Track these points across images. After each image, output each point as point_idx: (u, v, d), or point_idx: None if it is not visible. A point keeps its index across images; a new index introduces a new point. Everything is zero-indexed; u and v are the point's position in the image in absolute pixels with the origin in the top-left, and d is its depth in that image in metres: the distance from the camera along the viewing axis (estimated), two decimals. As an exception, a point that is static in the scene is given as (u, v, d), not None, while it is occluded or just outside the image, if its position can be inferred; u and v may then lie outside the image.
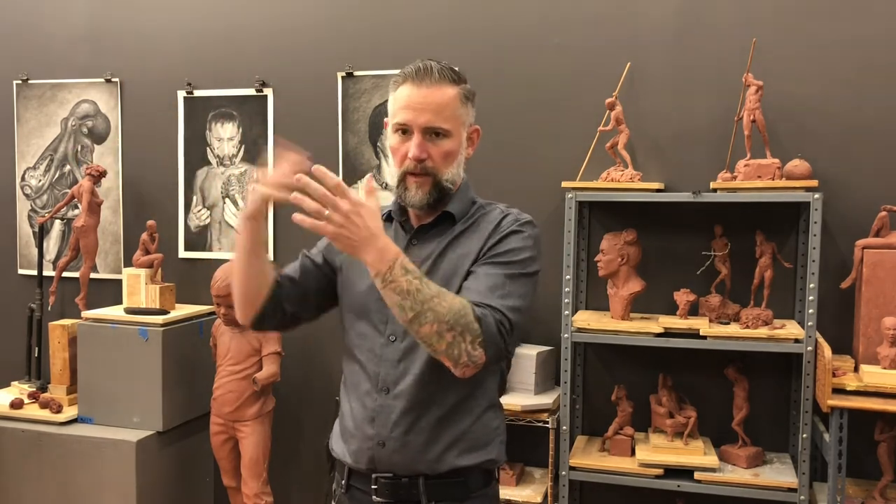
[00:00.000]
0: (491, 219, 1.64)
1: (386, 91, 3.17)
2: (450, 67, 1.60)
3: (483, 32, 3.03)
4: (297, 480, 3.40)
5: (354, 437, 1.61)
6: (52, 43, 3.62)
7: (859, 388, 2.40)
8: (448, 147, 1.58)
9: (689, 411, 2.74)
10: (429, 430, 1.56)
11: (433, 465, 1.56)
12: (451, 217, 1.63)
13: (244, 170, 3.39)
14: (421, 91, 1.55)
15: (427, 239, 1.64)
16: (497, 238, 1.58)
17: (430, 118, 1.55)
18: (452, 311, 1.41)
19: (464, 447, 1.58)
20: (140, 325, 3.07)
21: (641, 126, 2.89)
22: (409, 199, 1.59)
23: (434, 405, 1.56)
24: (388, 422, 1.57)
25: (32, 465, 3.09)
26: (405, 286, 1.41)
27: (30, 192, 3.69)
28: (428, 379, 1.55)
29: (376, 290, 1.51)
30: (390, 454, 1.57)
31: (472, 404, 1.60)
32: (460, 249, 1.61)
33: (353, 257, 1.50)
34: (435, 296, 1.41)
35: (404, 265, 1.41)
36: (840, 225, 2.73)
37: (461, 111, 1.60)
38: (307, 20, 3.28)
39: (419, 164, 1.56)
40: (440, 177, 1.58)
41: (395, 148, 1.60)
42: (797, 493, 2.54)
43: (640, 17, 2.91)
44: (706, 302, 2.76)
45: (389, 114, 1.63)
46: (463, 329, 1.41)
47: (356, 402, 1.63)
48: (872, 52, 2.71)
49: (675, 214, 2.87)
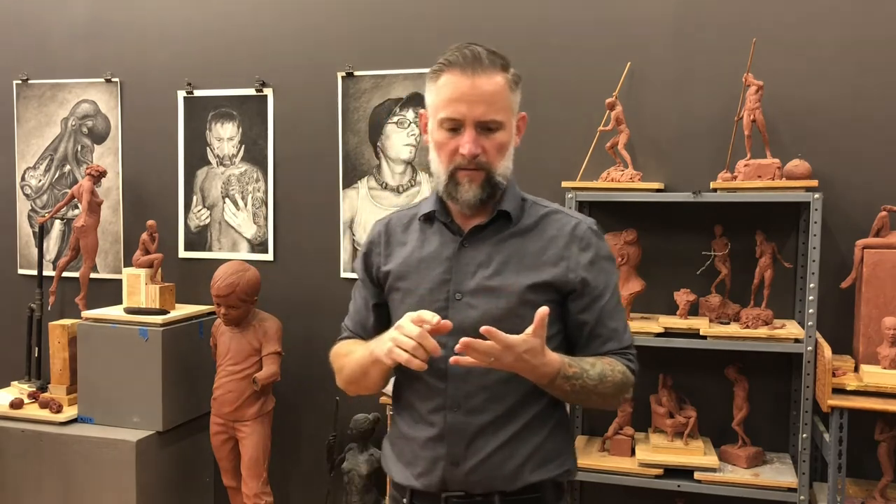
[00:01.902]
0: (560, 226, 1.54)
1: (386, 91, 3.20)
2: (496, 52, 1.48)
3: (483, 32, 3.03)
4: (297, 480, 3.40)
5: (420, 458, 1.52)
6: (52, 43, 3.62)
7: (859, 388, 2.40)
8: (502, 139, 1.47)
9: (689, 411, 2.74)
10: (505, 447, 1.49)
11: (509, 482, 1.49)
12: (506, 216, 1.53)
13: (244, 170, 3.39)
14: (471, 80, 1.43)
15: (480, 240, 1.53)
16: (594, 257, 1.53)
17: (485, 111, 1.43)
18: (616, 387, 1.47)
19: (539, 461, 1.51)
20: (140, 325, 3.07)
21: (641, 126, 2.89)
22: (461, 195, 1.48)
23: (510, 420, 1.49)
24: (462, 440, 1.49)
25: (32, 465, 3.09)
26: (568, 389, 1.42)
27: (30, 192, 3.69)
28: (502, 394, 1.48)
29: (434, 301, 1.49)
30: (465, 474, 1.49)
31: (546, 417, 1.54)
32: (525, 254, 1.51)
33: (407, 269, 1.53)
34: (598, 384, 1.44)
35: (565, 374, 1.40)
36: (840, 225, 2.73)
37: (511, 99, 1.49)
38: (307, 20, 3.28)
39: (473, 159, 1.45)
40: (494, 171, 1.48)
41: (441, 143, 1.48)
42: (797, 493, 2.54)
43: (640, 17, 2.91)
44: (706, 302, 2.76)
45: (430, 106, 1.51)
46: (624, 391, 1.51)
47: (420, 421, 1.54)
48: (873, 52, 2.71)
49: (675, 214, 2.87)
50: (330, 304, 3.28)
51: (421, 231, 1.59)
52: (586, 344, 1.54)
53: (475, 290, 1.50)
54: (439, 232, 1.57)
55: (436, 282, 1.53)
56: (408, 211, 1.67)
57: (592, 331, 1.53)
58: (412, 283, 1.55)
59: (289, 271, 3.34)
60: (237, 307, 2.99)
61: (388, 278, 1.59)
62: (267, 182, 3.35)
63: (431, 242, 1.57)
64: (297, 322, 3.31)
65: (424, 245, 1.57)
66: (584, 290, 1.52)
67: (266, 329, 3.06)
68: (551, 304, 1.47)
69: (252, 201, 3.38)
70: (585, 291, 1.52)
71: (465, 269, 1.51)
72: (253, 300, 3.05)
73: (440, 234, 1.56)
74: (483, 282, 1.49)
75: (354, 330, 1.70)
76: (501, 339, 1.29)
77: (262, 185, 3.36)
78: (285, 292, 3.33)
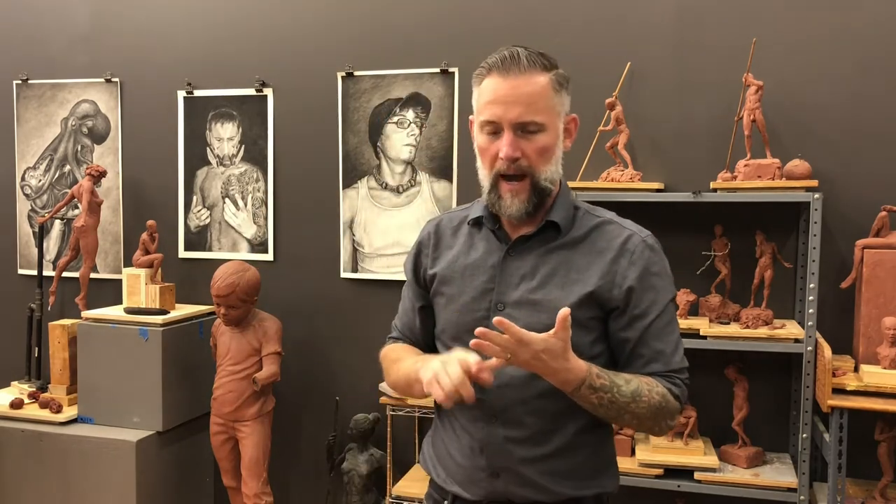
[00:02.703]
0: (611, 238, 1.48)
1: (386, 91, 3.20)
2: (539, 53, 1.44)
3: (483, 33, 3.03)
4: (297, 480, 3.40)
5: (462, 466, 1.50)
6: (52, 43, 3.62)
7: (859, 388, 2.40)
8: (544, 142, 1.41)
9: (689, 411, 2.74)
10: (545, 461, 1.45)
11: (551, 496, 1.46)
12: (554, 226, 1.47)
13: (244, 170, 3.39)
14: (509, 82, 1.39)
15: (526, 250, 1.48)
16: (642, 273, 1.44)
17: (522, 112, 1.39)
18: (652, 408, 1.38)
19: (582, 476, 1.48)
20: (140, 325, 3.07)
21: (641, 126, 2.89)
22: (504, 209, 1.43)
23: (551, 435, 1.45)
24: (501, 452, 1.45)
25: (32, 465, 3.09)
26: (595, 402, 1.35)
27: (30, 192, 3.69)
28: (541, 408, 1.44)
29: (476, 310, 1.46)
30: (505, 485, 1.46)
31: (588, 434, 1.48)
32: (571, 268, 1.45)
33: (452, 274, 1.49)
34: (630, 402, 1.36)
35: (591, 384, 1.33)
36: (840, 225, 2.73)
37: (555, 100, 1.43)
38: (307, 20, 3.28)
39: (513, 163, 1.40)
40: (538, 177, 1.42)
41: (483, 148, 1.44)
42: (797, 493, 2.54)
43: (640, 17, 2.91)
44: (706, 302, 2.76)
45: (475, 110, 1.47)
46: (666, 416, 1.41)
47: (460, 429, 1.50)
48: (873, 52, 2.71)
49: (675, 214, 2.87)
50: (330, 304, 3.28)
51: (469, 235, 1.56)
52: (627, 363, 1.47)
53: (518, 303, 1.45)
54: (486, 238, 1.52)
55: (479, 290, 1.49)
56: (459, 212, 1.62)
57: (634, 350, 1.46)
58: (456, 290, 1.52)
59: (289, 271, 3.34)
60: (237, 307, 2.99)
61: (434, 281, 1.56)
62: (267, 182, 3.35)
63: (478, 248, 1.53)
64: (297, 322, 3.31)
65: (471, 251, 1.53)
66: (626, 307, 1.44)
67: (266, 329, 3.06)
68: (595, 321, 1.44)
69: (252, 201, 3.38)
70: (628, 308, 1.44)
71: (510, 279, 1.47)
72: (253, 300, 3.05)
73: (487, 241, 1.52)
74: (526, 294, 1.45)
75: (403, 331, 1.68)
76: (515, 333, 1.25)
77: (262, 185, 3.36)
78: (285, 292, 3.34)
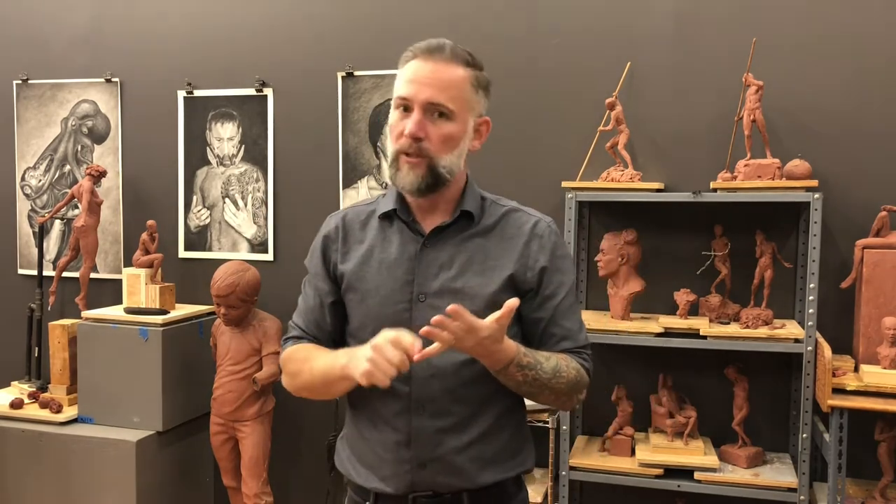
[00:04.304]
0: (519, 224, 1.54)
1: (386, 91, 3.20)
2: (467, 51, 1.48)
3: (483, 32, 3.03)
4: (297, 480, 3.40)
5: (386, 461, 1.50)
6: (52, 43, 3.62)
7: (859, 388, 2.40)
8: (449, 130, 1.44)
9: (689, 411, 2.74)
10: (471, 447, 1.48)
11: (476, 481, 1.49)
12: (468, 216, 1.52)
13: (244, 169, 3.39)
14: (429, 66, 1.43)
15: (441, 241, 1.51)
16: (550, 256, 1.52)
17: (433, 94, 1.42)
18: (570, 383, 1.46)
19: (505, 457, 1.53)
20: (140, 325, 3.07)
21: (641, 126, 2.89)
22: (399, 180, 1.45)
23: (474, 421, 1.49)
24: (429, 443, 1.47)
25: (32, 465, 3.09)
26: (521, 379, 1.41)
27: (30, 192, 3.69)
28: (466, 396, 1.48)
29: (396, 302, 1.47)
30: (433, 475, 1.48)
31: (508, 417, 1.54)
32: (487, 255, 1.50)
33: (366, 269, 1.50)
34: (552, 377, 1.43)
35: (519, 363, 1.39)
36: (840, 225, 2.73)
37: (470, 95, 1.47)
38: (307, 20, 3.28)
39: (415, 142, 1.42)
40: (436, 161, 1.44)
41: (393, 125, 1.47)
42: (797, 493, 2.54)
43: (640, 16, 2.91)
44: (706, 302, 2.76)
45: (394, 90, 1.49)
46: (579, 390, 1.50)
47: (382, 425, 1.51)
48: (873, 52, 2.71)
49: (675, 214, 2.87)
50: (330, 304, 3.28)
51: (380, 229, 1.55)
52: (540, 342, 1.53)
53: (439, 292, 1.48)
54: (400, 231, 1.53)
55: (399, 283, 1.50)
56: (364, 207, 1.61)
57: (546, 329, 1.52)
58: (372, 284, 1.51)
59: (289, 271, 3.34)
60: (237, 307, 2.99)
61: (345, 278, 1.55)
62: (267, 182, 3.35)
63: (392, 242, 1.53)
64: (297, 322, 3.30)
65: (384, 244, 1.53)
66: (539, 288, 1.51)
67: (266, 329, 3.06)
68: None
69: (252, 201, 3.38)
70: (541, 289, 1.51)
71: (428, 270, 1.49)
72: (253, 300, 3.05)
73: (401, 234, 1.53)
74: (447, 283, 1.48)
75: (308, 329, 1.63)
76: (467, 320, 1.28)
77: (262, 185, 3.36)
78: (285, 292, 3.33)
